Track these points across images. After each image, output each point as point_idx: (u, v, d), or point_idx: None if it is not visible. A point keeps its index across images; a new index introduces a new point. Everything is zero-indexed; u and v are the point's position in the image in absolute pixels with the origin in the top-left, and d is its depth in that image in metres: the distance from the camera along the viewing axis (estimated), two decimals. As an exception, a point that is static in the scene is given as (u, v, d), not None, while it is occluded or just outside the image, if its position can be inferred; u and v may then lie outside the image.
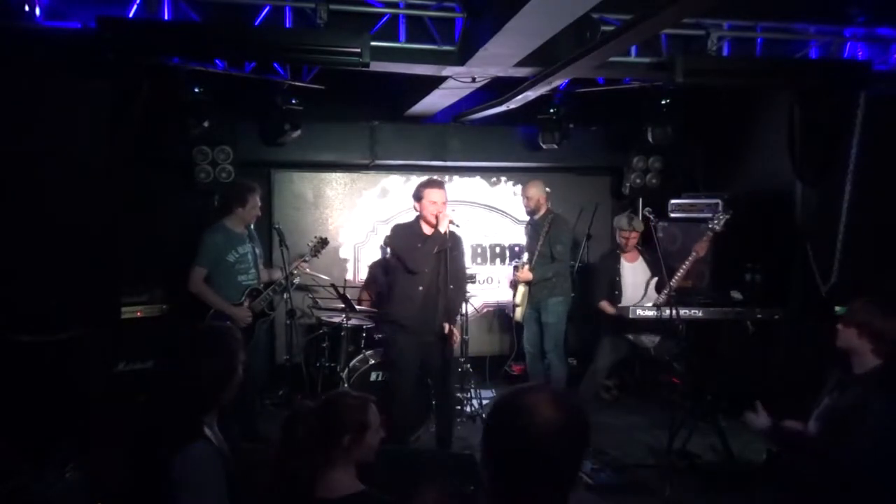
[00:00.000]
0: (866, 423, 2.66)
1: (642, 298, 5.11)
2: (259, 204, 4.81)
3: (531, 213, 5.63)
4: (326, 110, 5.99)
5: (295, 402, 5.03)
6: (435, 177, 5.76)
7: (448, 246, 4.34)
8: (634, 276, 5.22)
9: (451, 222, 4.38)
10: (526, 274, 5.42)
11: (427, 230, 4.44)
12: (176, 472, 1.96)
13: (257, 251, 4.87)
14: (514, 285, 5.70)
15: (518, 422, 1.37)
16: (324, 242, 5.06)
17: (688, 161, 6.90)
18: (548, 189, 5.66)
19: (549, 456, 1.35)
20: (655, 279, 5.07)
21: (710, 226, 4.94)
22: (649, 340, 5.11)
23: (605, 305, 5.18)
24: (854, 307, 3.05)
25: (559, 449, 1.36)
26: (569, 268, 5.64)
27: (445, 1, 4.41)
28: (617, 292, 5.19)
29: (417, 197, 4.44)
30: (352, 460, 2.11)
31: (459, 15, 4.45)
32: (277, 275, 4.93)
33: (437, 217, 4.32)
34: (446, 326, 4.49)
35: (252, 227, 4.89)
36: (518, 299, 5.57)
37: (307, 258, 4.94)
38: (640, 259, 5.25)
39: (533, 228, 5.64)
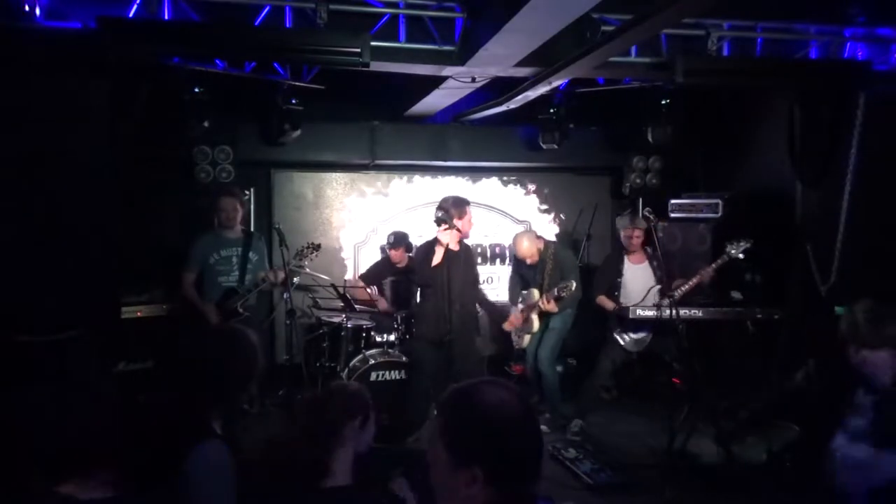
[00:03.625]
0: None
1: (640, 302, 5.09)
2: (229, 206, 4.89)
3: (534, 264, 5.39)
4: (326, 110, 5.99)
5: (295, 401, 5.04)
6: (434, 182, 5.77)
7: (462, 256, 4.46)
8: (635, 279, 5.22)
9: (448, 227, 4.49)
10: (552, 306, 5.12)
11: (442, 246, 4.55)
12: (189, 470, 1.96)
13: (251, 255, 4.92)
14: (527, 319, 5.42)
15: (476, 412, 1.37)
16: (314, 248, 5.11)
17: (688, 161, 6.90)
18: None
19: (508, 444, 1.35)
20: (658, 287, 5.06)
21: (728, 252, 4.90)
22: (628, 339, 5.17)
23: (604, 300, 5.24)
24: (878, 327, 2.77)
25: (517, 437, 1.36)
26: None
27: (445, 1, 4.41)
28: (616, 293, 5.21)
29: (459, 215, 4.58)
30: (353, 447, 2.13)
31: (459, 15, 4.45)
32: (281, 275, 4.97)
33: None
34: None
35: (254, 232, 5.02)
36: (535, 328, 5.34)
37: (291, 264, 5.00)
38: (646, 263, 5.24)
39: (533, 268, 5.42)
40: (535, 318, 5.30)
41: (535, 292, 5.27)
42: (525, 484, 1.37)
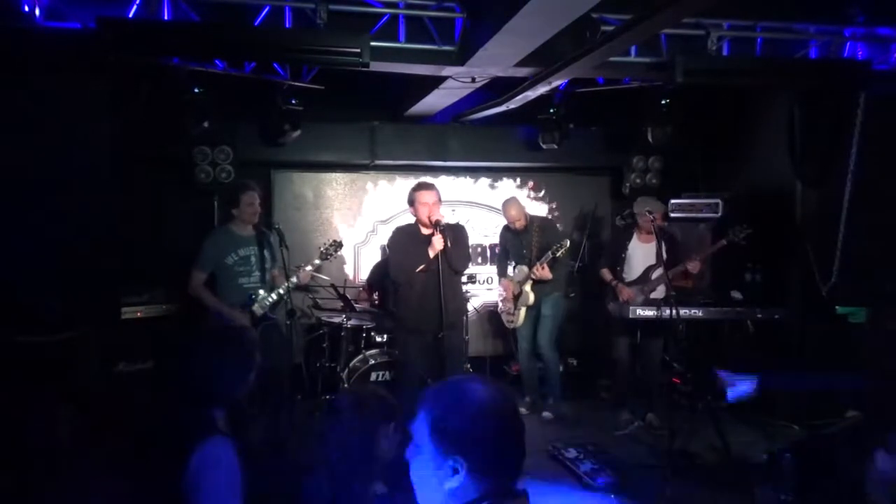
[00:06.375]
0: None
1: (636, 279, 5.34)
2: (253, 201, 4.64)
3: (521, 229, 5.60)
4: (326, 110, 5.98)
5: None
6: (426, 178, 5.80)
7: (447, 247, 4.35)
8: (640, 255, 5.40)
9: (438, 222, 4.39)
10: (546, 272, 5.32)
11: (425, 231, 4.49)
12: (193, 467, 1.97)
13: (267, 254, 4.70)
14: (517, 295, 5.61)
15: (462, 409, 1.40)
16: (337, 246, 4.96)
17: (688, 161, 6.90)
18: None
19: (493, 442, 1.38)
20: (660, 270, 5.20)
21: (731, 237, 5.04)
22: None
23: (605, 272, 5.46)
24: None
25: (501, 433, 1.40)
26: (567, 267, 5.66)
27: (445, 1, 4.41)
28: (619, 268, 5.41)
29: (410, 201, 4.54)
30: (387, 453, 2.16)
31: (459, 15, 4.45)
32: (296, 278, 4.73)
33: (429, 218, 4.38)
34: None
35: (269, 230, 4.78)
36: (530, 300, 5.51)
37: (317, 261, 4.83)
38: (653, 243, 5.32)
39: (519, 236, 5.64)
40: (528, 289, 5.48)
41: (524, 268, 5.52)
42: (506, 478, 1.41)
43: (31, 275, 3.97)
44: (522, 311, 5.55)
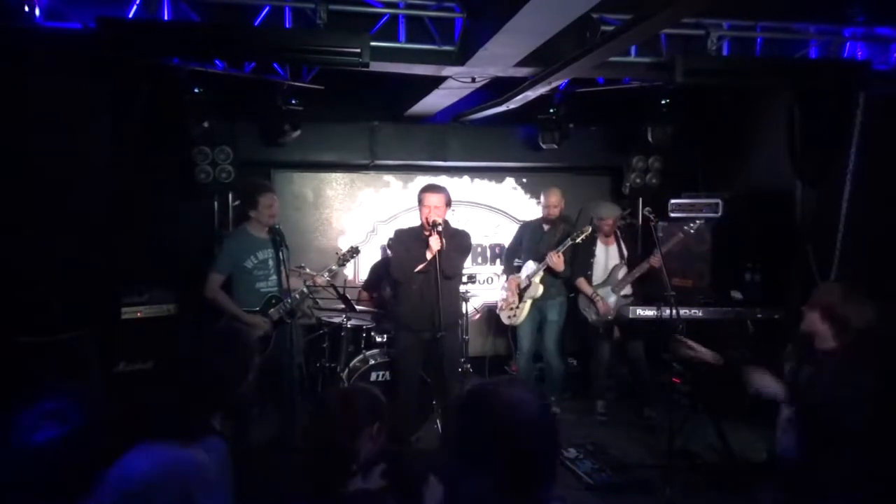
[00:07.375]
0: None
1: (604, 281, 5.51)
2: (272, 203, 4.51)
3: (552, 220, 5.66)
4: (326, 110, 5.98)
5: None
6: (434, 181, 5.81)
7: (444, 248, 4.35)
8: (604, 258, 5.58)
9: (435, 223, 4.37)
10: (560, 261, 5.36)
11: (426, 232, 4.50)
12: None
13: (282, 256, 4.48)
14: (524, 288, 5.64)
15: (497, 414, 1.36)
16: (354, 252, 4.93)
17: (688, 161, 6.90)
18: None
19: (527, 447, 1.34)
20: (624, 268, 5.47)
21: (686, 229, 5.29)
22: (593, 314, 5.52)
23: (582, 283, 5.55)
24: (818, 291, 3.15)
25: (535, 440, 1.35)
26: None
27: (445, 1, 4.41)
28: (589, 272, 5.57)
29: (418, 200, 4.56)
30: (367, 450, 2.13)
31: (459, 15, 4.45)
32: (311, 282, 4.72)
33: (427, 219, 4.40)
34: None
35: (279, 229, 4.58)
36: (538, 292, 5.56)
37: (335, 267, 4.81)
38: (615, 245, 5.60)
39: (541, 231, 5.70)
40: (537, 281, 5.53)
41: (532, 263, 5.61)
42: (540, 485, 1.36)
43: (31, 275, 3.97)
44: (527, 304, 5.55)
